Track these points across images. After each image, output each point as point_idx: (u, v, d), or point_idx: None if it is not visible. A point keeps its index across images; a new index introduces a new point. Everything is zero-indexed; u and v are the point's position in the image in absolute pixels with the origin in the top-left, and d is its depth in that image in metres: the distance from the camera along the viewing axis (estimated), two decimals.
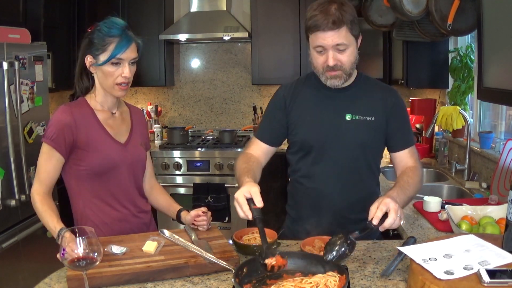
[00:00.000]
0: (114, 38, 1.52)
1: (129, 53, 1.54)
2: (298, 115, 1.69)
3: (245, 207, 1.32)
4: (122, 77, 1.54)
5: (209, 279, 1.32)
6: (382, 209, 1.30)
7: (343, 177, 1.67)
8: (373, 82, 1.72)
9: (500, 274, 1.07)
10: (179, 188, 3.87)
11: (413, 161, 1.65)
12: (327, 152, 1.66)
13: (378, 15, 3.01)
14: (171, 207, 1.74)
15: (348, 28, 1.52)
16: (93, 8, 3.97)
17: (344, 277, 1.17)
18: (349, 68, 1.58)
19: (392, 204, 1.31)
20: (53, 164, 1.53)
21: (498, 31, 1.68)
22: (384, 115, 1.65)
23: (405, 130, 1.69)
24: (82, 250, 1.15)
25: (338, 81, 1.59)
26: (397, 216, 1.30)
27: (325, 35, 1.51)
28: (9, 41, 2.63)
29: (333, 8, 1.50)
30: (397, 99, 1.68)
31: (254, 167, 1.61)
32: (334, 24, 1.49)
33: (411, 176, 1.58)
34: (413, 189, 1.55)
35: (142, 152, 1.71)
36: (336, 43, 1.52)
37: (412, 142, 1.69)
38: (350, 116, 1.64)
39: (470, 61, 2.85)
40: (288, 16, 4.00)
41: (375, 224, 1.29)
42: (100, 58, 1.53)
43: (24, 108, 2.69)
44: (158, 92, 4.55)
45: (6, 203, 2.54)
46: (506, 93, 1.61)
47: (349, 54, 1.55)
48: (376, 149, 1.70)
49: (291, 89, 1.73)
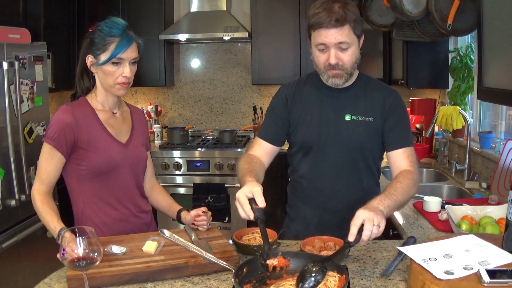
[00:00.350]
0: (114, 38, 1.52)
1: (130, 53, 1.54)
2: (299, 115, 1.69)
3: (246, 207, 1.28)
4: (122, 77, 1.54)
5: (209, 279, 1.32)
6: (356, 223, 1.23)
7: (342, 177, 1.67)
8: (374, 82, 1.72)
9: (500, 274, 1.06)
10: (179, 188, 3.87)
11: (408, 163, 1.59)
12: (326, 152, 1.66)
13: (378, 15, 3.01)
14: (171, 207, 1.74)
15: (351, 27, 1.51)
16: (93, 8, 3.97)
17: (344, 277, 1.17)
18: (350, 68, 1.57)
19: (365, 214, 1.24)
20: (54, 164, 1.53)
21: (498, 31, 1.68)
22: (383, 116, 1.64)
23: (402, 129, 1.65)
24: (82, 250, 1.15)
25: (339, 80, 1.58)
26: (373, 225, 1.23)
27: (328, 33, 1.50)
28: (9, 41, 2.63)
29: (337, 6, 1.49)
30: (396, 100, 1.66)
31: (256, 167, 1.58)
32: (337, 21, 1.48)
33: (400, 180, 1.51)
34: (402, 194, 1.46)
35: (143, 152, 1.71)
36: (338, 41, 1.51)
37: (408, 143, 1.63)
38: (350, 116, 1.64)
39: (470, 61, 2.85)
40: (288, 16, 4.01)
41: (351, 240, 1.22)
42: (100, 58, 1.53)
43: (24, 108, 2.69)
44: (158, 92, 4.55)
45: (6, 203, 2.54)
46: (506, 93, 1.61)
47: (351, 54, 1.55)
48: (375, 150, 1.69)
49: (293, 88, 1.73)
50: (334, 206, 1.67)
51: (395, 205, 1.42)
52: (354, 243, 1.23)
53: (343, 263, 1.36)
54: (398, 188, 1.47)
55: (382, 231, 1.26)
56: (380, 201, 1.36)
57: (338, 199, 1.67)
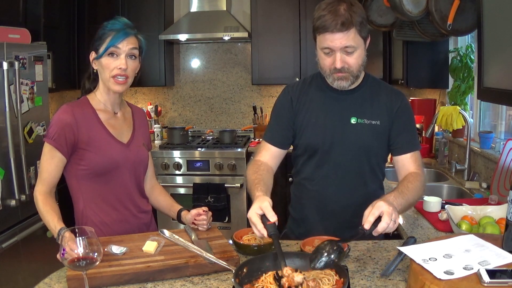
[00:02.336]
0: (113, 31, 1.53)
1: (126, 44, 1.52)
2: (304, 118, 1.67)
3: (259, 226, 1.29)
4: (117, 69, 1.52)
5: (209, 279, 1.32)
6: (375, 213, 1.25)
7: (346, 180, 1.65)
8: (380, 84, 1.69)
9: (500, 274, 1.06)
10: (179, 188, 3.87)
11: (415, 166, 1.60)
12: (331, 156, 1.64)
13: (378, 15, 3.01)
14: (171, 207, 1.74)
15: (357, 30, 1.47)
16: (93, 8, 3.96)
17: (342, 281, 1.16)
18: (356, 71, 1.54)
19: (385, 207, 1.25)
20: (55, 164, 1.53)
21: (498, 31, 1.67)
22: (390, 119, 1.62)
23: (409, 134, 1.64)
24: (82, 250, 1.15)
25: (345, 83, 1.56)
26: (391, 220, 1.24)
27: (334, 37, 1.47)
28: (9, 41, 2.63)
29: (342, 8, 1.45)
30: (403, 103, 1.63)
31: (264, 176, 1.57)
32: (343, 25, 1.44)
33: (411, 181, 1.52)
34: (412, 194, 1.47)
35: (144, 152, 1.71)
36: (344, 45, 1.47)
37: (416, 147, 1.63)
38: (355, 119, 1.62)
39: (470, 61, 2.85)
40: (288, 16, 4.00)
41: (367, 228, 1.23)
42: (99, 51, 1.54)
43: (24, 108, 2.69)
44: (158, 92, 4.55)
45: (6, 203, 2.54)
46: (506, 93, 1.61)
47: (357, 57, 1.52)
48: (381, 153, 1.67)
49: (297, 90, 1.70)
50: (338, 209, 1.66)
51: (406, 204, 1.44)
52: (369, 231, 1.24)
53: (343, 263, 1.36)
54: (410, 188, 1.47)
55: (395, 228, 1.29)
56: (395, 198, 1.37)
57: (342, 203, 1.66)
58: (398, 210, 1.34)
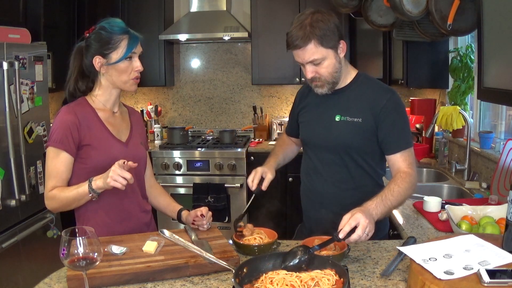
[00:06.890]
0: (123, 35, 1.55)
1: (139, 47, 1.60)
2: (301, 116, 1.82)
3: (256, 181, 1.65)
4: (135, 71, 1.59)
5: (209, 279, 1.32)
6: (351, 223, 1.31)
7: (332, 175, 1.72)
8: (371, 83, 1.70)
9: (500, 274, 1.07)
10: (179, 188, 3.87)
11: (405, 165, 1.60)
12: (319, 152, 1.74)
13: (378, 15, 3.00)
14: (171, 206, 1.75)
15: (318, 43, 1.53)
16: (93, 8, 3.97)
17: (342, 280, 1.16)
18: (330, 78, 1.61)
19: (362, 219, 1.31)
20: (64, 165, 1.53)
21: (498, 31, 1.67)
22: (372, 117, 1.63)
23: (397, 132, 1.63)
24: (82, 250, 1.15)
25: (322, 90, 1.64)
26: (364, 233, 1.31)
27: (297, 53, 1.57)
28: (9, 41, 2.63)
29: (307, 22, 1.53)
30: (389, 102, 1.62)
31: (287, 150, 1.92)
32: (302, 41, 1.53)
33: (398, 183, 1.53)
34: (397, 198, 1.50)
35: (142, 150, 1.72)
36: (308, 60, 1.56)
37: (405, 145, 1.62)
38: (339, 117, 1.68)
39: (470, 61, 2.85)
40: (288, 16, 3.98)
41: (341, 237, 1.31)
42: (112, 57, 1.54)
43: (24, 108, 2.69)
44: (158, 92, 4.55)
45: (6, 203, 2.54)
46: (506, 93, 1.61)
47: (327, 66, 1.58)
48: (365, 149, 1.68)
49: (301, 92, 1.86)
50: (329, 205, 1.72)
51: (387, 211, 1.49)
52: (342, 240, 1.32)
53: (343, 263, 1.37)
54: (395, 192, 1.50)
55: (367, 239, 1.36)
56: (376, 206, 1.42)
57: (332, 199, 1.72)
58: (378, 217, 1.41)
